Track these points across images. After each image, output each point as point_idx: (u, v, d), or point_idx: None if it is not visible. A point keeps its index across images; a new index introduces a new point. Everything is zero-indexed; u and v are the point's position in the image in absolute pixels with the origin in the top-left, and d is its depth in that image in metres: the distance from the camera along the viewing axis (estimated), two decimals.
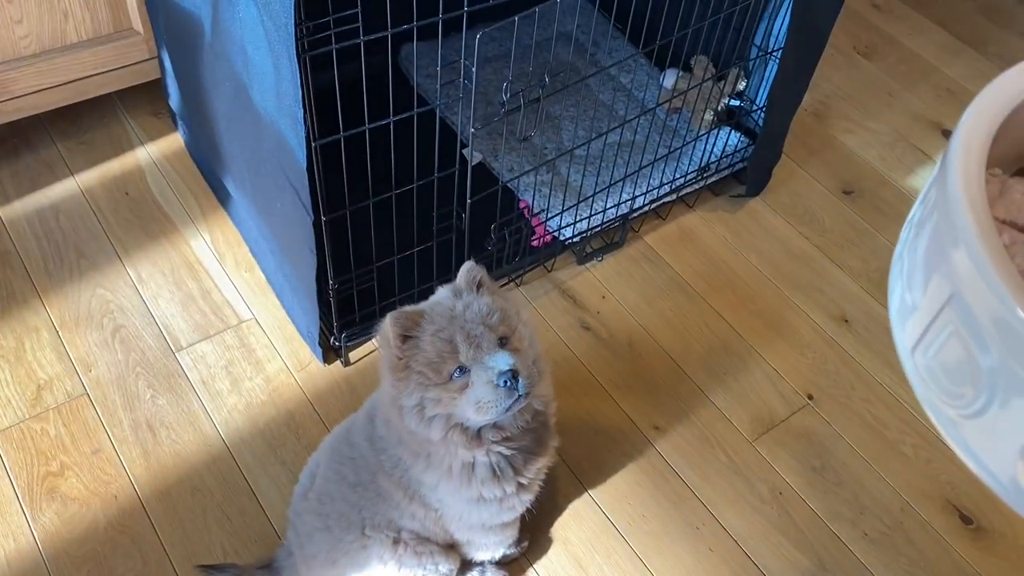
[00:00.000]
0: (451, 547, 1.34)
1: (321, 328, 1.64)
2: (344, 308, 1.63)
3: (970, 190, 0.55)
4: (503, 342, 1.08)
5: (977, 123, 0.59)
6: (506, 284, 1.84)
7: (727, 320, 1.83)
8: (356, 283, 1.61)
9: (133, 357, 1.67)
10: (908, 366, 0.63)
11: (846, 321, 1.85)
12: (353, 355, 1.71)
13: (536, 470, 1.21)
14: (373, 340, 1.71)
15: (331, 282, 1.54)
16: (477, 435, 1.12)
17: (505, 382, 1.03)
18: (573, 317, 1.81)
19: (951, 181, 0.56)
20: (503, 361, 1.04)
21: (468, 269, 1.11)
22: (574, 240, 1.86)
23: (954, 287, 0.55)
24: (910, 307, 0.62)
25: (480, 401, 1.05)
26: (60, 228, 1.85)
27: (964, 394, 0.56)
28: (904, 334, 0.62)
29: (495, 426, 1.12)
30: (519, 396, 1.05)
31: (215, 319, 1.74)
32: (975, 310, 0.54)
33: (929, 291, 0.59)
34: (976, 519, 1.57)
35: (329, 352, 1.69)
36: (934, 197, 0.60)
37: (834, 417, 1.69)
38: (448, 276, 1.17)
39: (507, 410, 1.06)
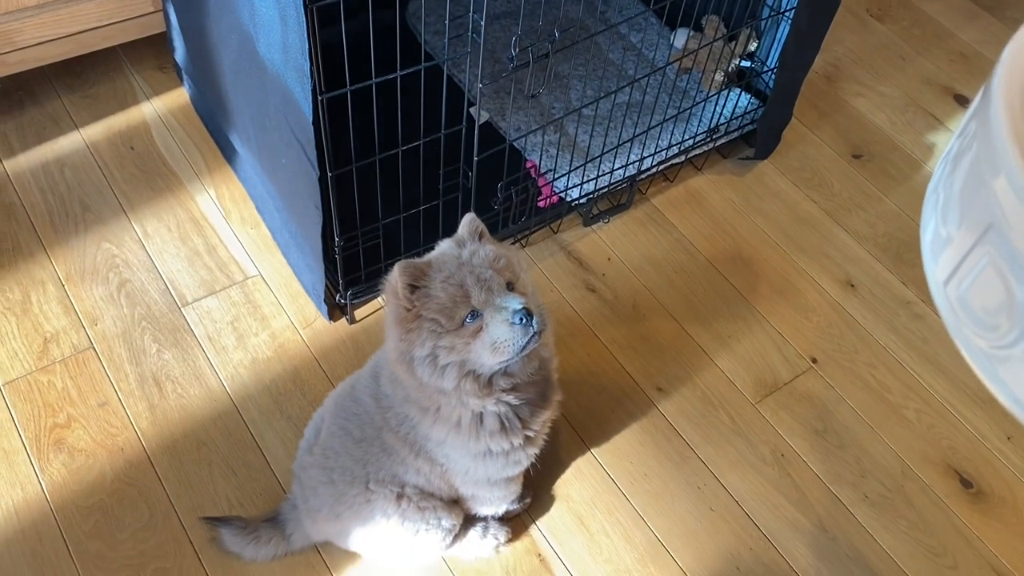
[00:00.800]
0: (454, 502, 1.35)
1: (326, 286, 1.64)
2: (349, 266, 1.62)
3: (1014, 118, 0.54)
4: (510, 287, 1.08)
5: (1022, 52, 0.57)
6: (512, 245, 1.83)
7: (732, 283, 1.82)
8: (362, 241, 1.61)
9: (139, 311, 1.67)
10: (940, 300, 0.62)
11: (852, 285, 1.84)
12: (358, 313, 1.71)
13: (541, 423, 1.22)
14: (379, 298, 1.72)
15: (336, 239, 1.54)
16: (488, 383, 1.13)
17: (520, 319, 1.04)
18: (578, 279, 1.81)
19: (994, 109, 0.55)
20: (515, 301, 1.05)
21: (471, 219, 1.13)
22: (581, 201, 1.85)
23: (993, 218, 0.54)
24: (944, 240, 0.61)
25: (496, 341, 1.06)
26: (65, 182, 1.85)
27: (999, 326, 0.56)
28: (937, 267, 0.62)
29: (505, 373, 1.13)
30: (534, 334, 1.06)
31: (220, 275, 1.74)
32: (1015, 240, 0.53)
33: (965, 223, 0.58)
34: (976, 483, 1.58)
35: (334, 310, 1.70)
36: (974, 128, 0.59)
37: (837, 381, 1.69)
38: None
39: (523, 349, 1.07)
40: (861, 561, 1.48)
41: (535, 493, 1.50)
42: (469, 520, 1.41)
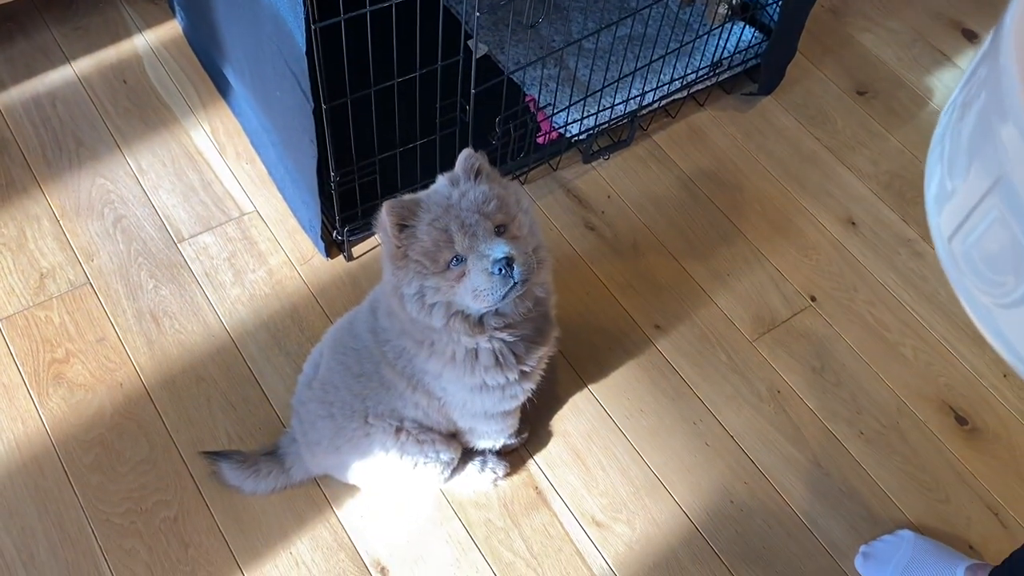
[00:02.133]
0: (452, 436, 1.36)
1: (323, 222, 1.62)
2: (346, 202, 1.61)
3: None
4: (500, 230, 1.06)
5: None
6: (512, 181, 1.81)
7: (733, 221, 1.81)
8: (358, 176, 1.59)
9: (135, 247, 1.67)
10: (943, 254, 0.60)
11: (853, 223, 1.83)
12: (356, 250, 1.70)
13: (537, 358, 1.22)
14: (376, 235, 1.70)
15: (332, 175, 1.52)
16: (479, 322, 1.12)
17: (500, 270, 1.03)
18: (577, 216, 1.79)
19: (1004, 53, 0.53)
20: (498, 250, 1.03)
21: (467, 156, 1.09)
22: (580, 137, 1.82)
23: (1002, 169, 0.52)
24: (949, 193, 0.59)
25: (477, 289, 1.05)
26: (58, 116, 1.82)
27: (1004, 282, 0.54)
28: (941, 221, 0.60)
29: (496, 313, 1.12)
30: (515, 284, 1.04)
31: (216, 211, 1.73)
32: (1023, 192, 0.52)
33: (972, 175, 0.56)
34: (971, 420, 1.59)
35: (332, 246, 1.69)
36: (983, 75, 0.56)
37: (836, 319, 1.69)
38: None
39: (503, 298, 1.06)
40: (855, 495, 1.49)
41: (532, 428, 1.51)
42: (468, 454, 1.42)
